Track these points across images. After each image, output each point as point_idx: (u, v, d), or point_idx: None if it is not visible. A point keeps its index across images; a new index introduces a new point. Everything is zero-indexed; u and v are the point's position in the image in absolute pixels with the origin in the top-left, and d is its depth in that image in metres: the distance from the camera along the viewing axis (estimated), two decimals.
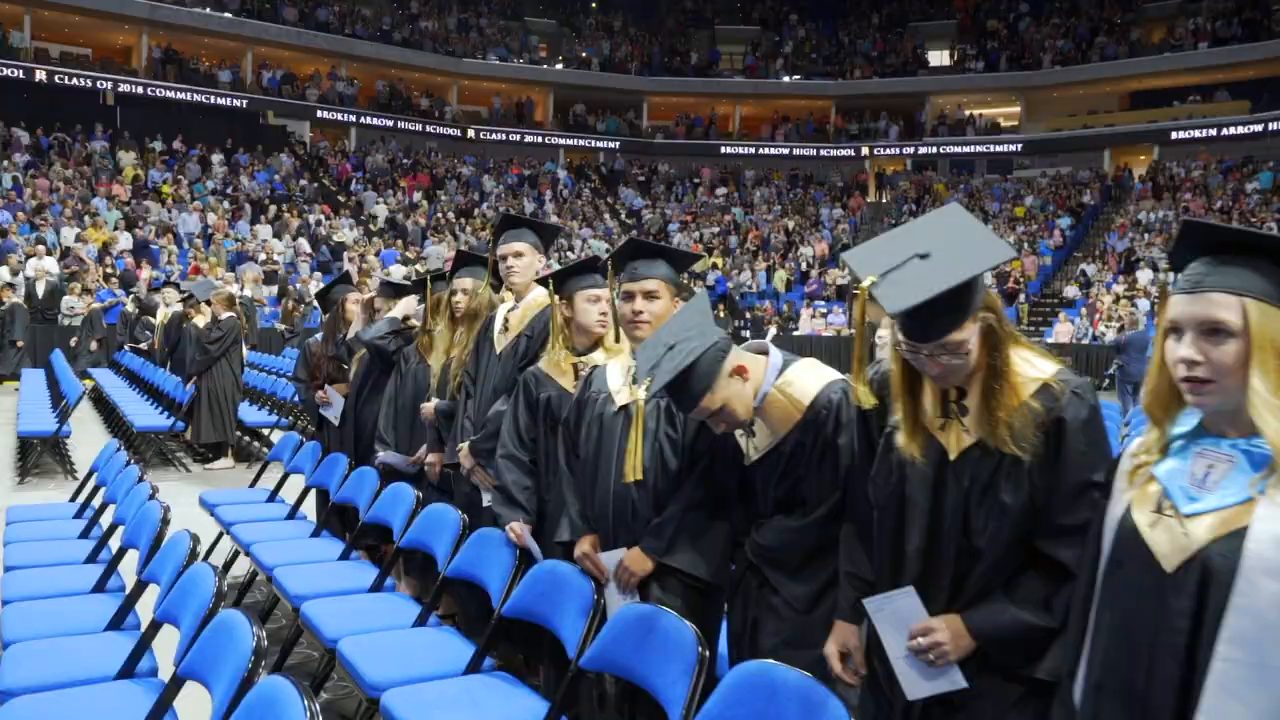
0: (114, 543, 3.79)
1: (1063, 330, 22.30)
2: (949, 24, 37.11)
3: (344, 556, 3.99)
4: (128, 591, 3.21)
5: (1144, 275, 24.34)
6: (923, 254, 1.86)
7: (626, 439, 2.70)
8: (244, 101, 28.58)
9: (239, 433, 9.40)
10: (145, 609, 3.03)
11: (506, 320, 3.70)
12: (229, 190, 23.76)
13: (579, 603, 2.63)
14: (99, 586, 3.40)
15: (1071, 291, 25.25)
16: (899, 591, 2.06)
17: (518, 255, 3.66)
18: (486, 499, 3.50)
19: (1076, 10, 35.04)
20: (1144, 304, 22.18)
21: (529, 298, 3.69)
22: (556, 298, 3.23)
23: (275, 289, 19.06)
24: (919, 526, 2.00)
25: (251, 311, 15.30)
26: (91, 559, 3.79)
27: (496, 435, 3.39)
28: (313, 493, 4.98)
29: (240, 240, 21.07)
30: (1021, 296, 25.19)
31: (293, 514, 4.84)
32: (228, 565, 5.09)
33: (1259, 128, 29.41)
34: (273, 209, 23.25)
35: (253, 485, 5.59)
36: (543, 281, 3.29)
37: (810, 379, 2.45)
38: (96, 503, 4.56)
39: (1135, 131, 31.76)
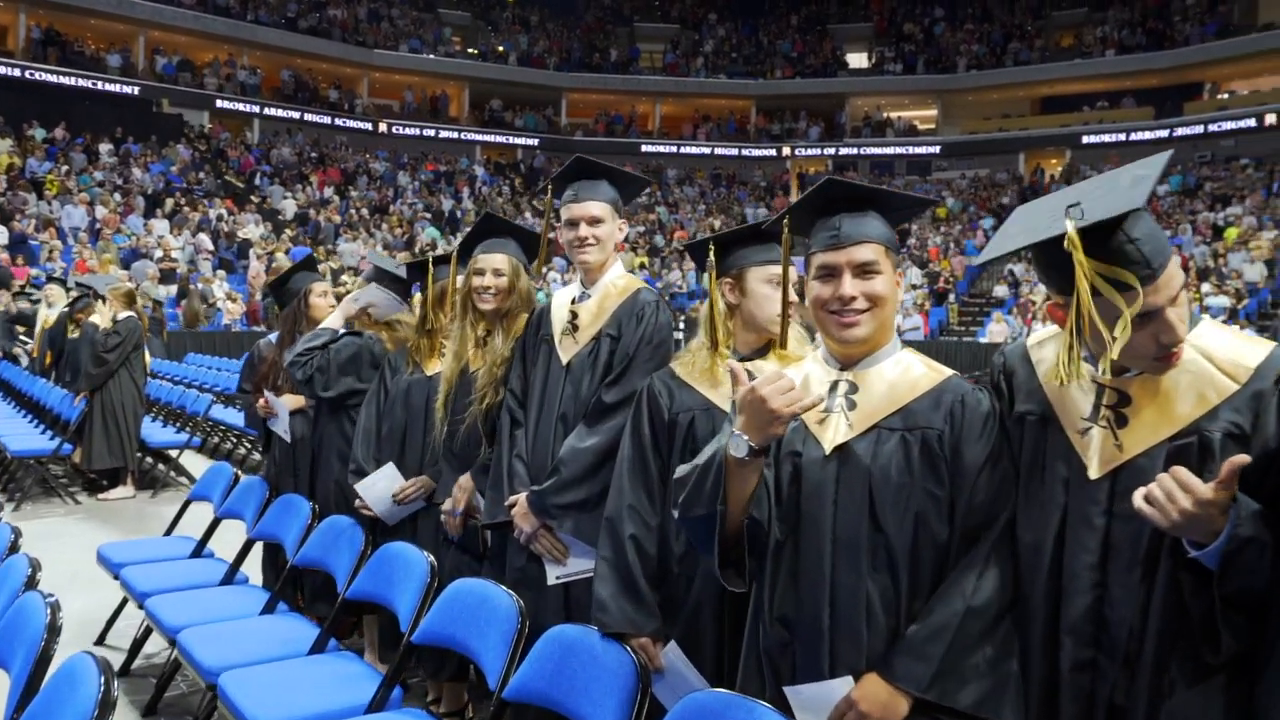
0: None
1: (997, 330, 22.27)
2: (866, 27, 37.42)
3: (318, 649, 2.82)
4: None
5: None
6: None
7: (850, 501, 1.68)
8: (135, 88, 26.37)
9: (140, 454, 7.93)
10: None
11: (574, 316, 2.59)
12: (120, 182, 21.69)
13: None
14: None
15: (1001, 291, 25.32)
16: None
17: (595, 222, 2.56)
18: (554, 575, 2.41)
19: (990, 16, 35.69)
20: None
21: (606, 280, 2.59)
22: (718, 277, 2.17)
23: (175, 289, 17.27)
24: None
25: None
26: None
27: (572, 485, 2.32)
28: (258, 546, 3.78)
29: (133, 236, 19.13)
30: (951, 297, 25.20)
31: (231, 576, 3.62)
32: (137, 645, 3.83)
33: (1165, 134, 30.35)
34: (169, 202, 21.30)
35: (169, 532, 4.32)
36: (695, 250, 2.22)
37: (1233, 338, 1.57)
38: None
39: (1049, 135, 32.60)
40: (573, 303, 2.63)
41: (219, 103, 28.18)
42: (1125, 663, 1.50)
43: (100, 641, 4.16)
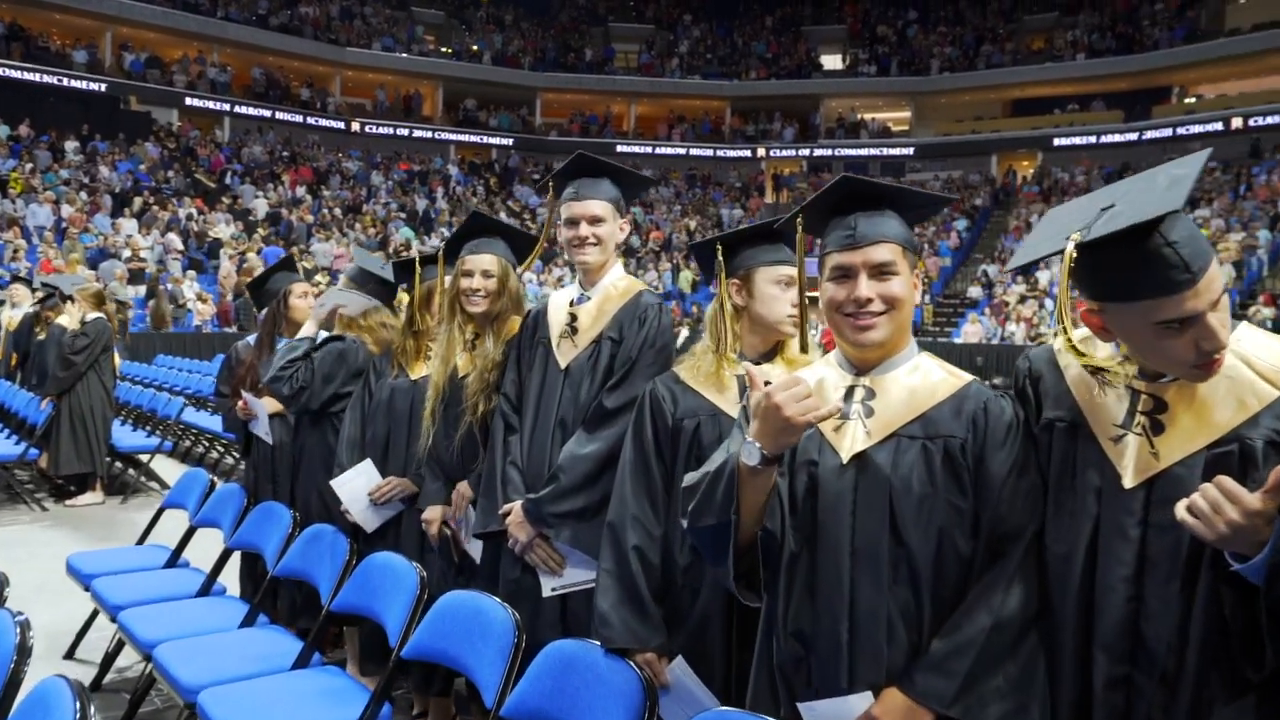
0: None
1: (972, 330, 22.45)
2: (839, 29, 37.61)
3: (302, 664, 2.72)
4: None
5: (1044, 275, 24.83)
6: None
7: (870, 512, 1.61)
8: (103, 85, 25.92)
9: (109, 459, 7.73)
10: None
11: (573, 318, 2.51)
12: (87, 180, 21.29)
13: None
14: None
15: (975, 292, 25.52)
16: None
17: (595, 221, 2.48)
18: (549, 587, 2.33)
19: (962, 19, 35.99)
20: (1049, 304, 22.57)
21: (606, 282, 2.51)
22: (725, 278, 2.09)
23: (143, 289, 16.96)
24: None
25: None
26: None
27: (571, 492, 2.23)
28: (236, 555, 3.65)
29: (101, 236, 18.77)
30: (925, 297, 25.39)
31: (208, 588, 3.50)
32: (109, 659, 3.69)
33: (1134, 136, 30.76)
34: (137, 201, 20.94)
35: (142, 541, 4.19)
36: (700, 250, 2.14)
37: (1273, 342, 1.50)
38: None
39: (1020, 138, 32.91)
40: (571, 305, 2.54)
41: (188, 100, 27.80)
42: (1163, 680, 1.44)
43: (70, 655, 4.01)
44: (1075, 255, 1.43)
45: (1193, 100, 30.74)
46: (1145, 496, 1.47)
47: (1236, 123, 27.93)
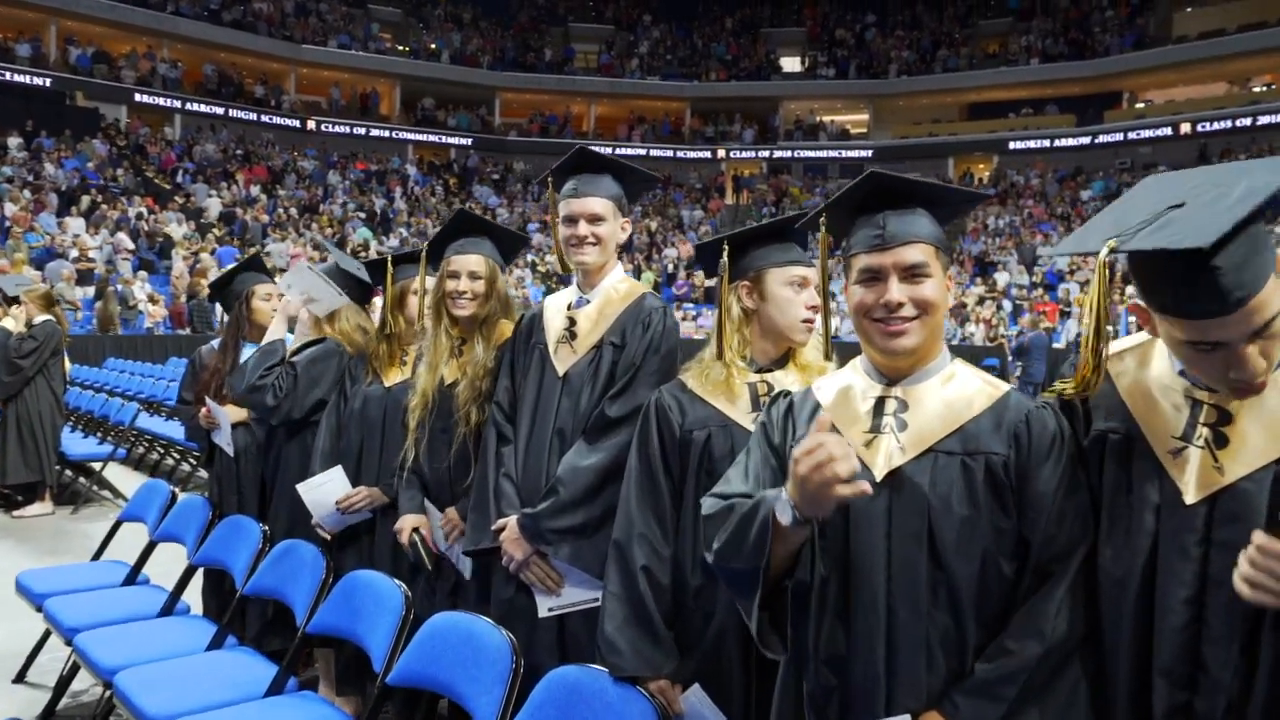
0: None
1: None
2: (799, 31, 37.82)
3: (276, 689, 2.56)
4: None
5: (1002, 277, 25.17)
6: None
7: (906, 533, 1.50)
8: (47, 80, 25.18)
9: (59, 467, 7.42)
10: None
11: (572, 322, 2.38)
12: (31, 178, 20.64)
13: None
14: None
15: None
16: None
17: (595, 220, 2.35)
18: (546, 607, 2.20)
19: (919, 23, 36.42)
20: (1007, 305, 22.87)
21: (606, 284, 2.38)
22: (734, 280, 1.97)
23: (92, 290, 16.45)
24: None
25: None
26: None
27: (571, 507, 2.11)
28: (199, 573, 3.46)
29: (47, 235, 18.19)
30: None
31: (171, 607, 3.30)
32: (63, 683, 3.47)
33: (1087, 140, 31.31)
34: (85, 200, 20.33)
35: (98, 556, 3.97)
36: (704, 251, 2.03)
37: None
38: None
39: (977, 140, 33.35)
40: (569, 308, 2.41)
41: (138, 97, 27.11)
42: (1229, 708, 1.35)
43: (20, 679, 3.78)
44: (1109, 260, 1.35)
45: (1143, 105, 31.37)
46: (1208, 513, 1.38)
47: (1185, 128, 28.53)
